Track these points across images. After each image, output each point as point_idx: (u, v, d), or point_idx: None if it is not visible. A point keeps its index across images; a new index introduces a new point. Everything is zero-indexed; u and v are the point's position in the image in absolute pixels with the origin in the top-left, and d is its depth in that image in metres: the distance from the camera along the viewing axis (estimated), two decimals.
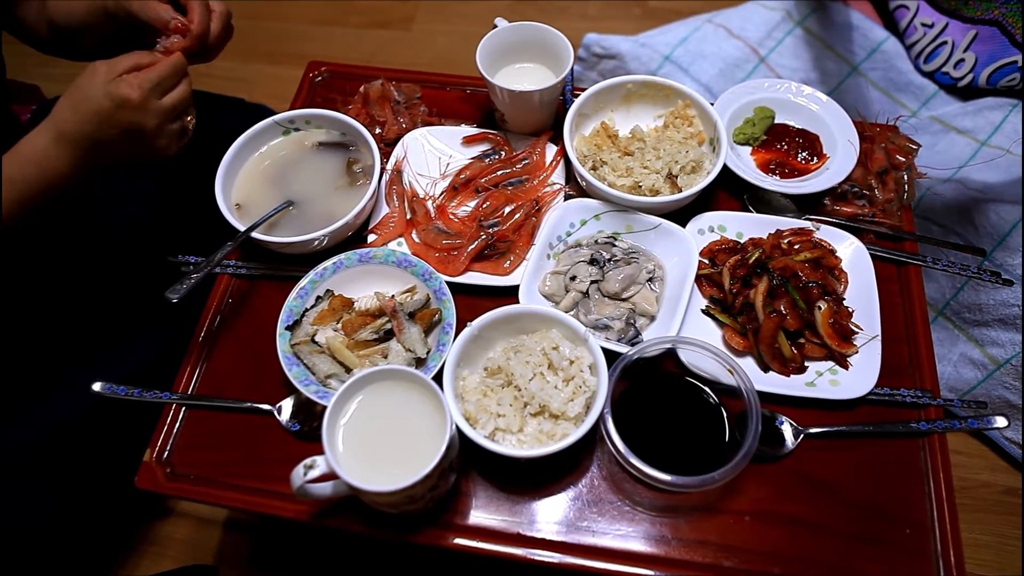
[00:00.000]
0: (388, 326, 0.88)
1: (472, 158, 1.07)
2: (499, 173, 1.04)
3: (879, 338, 0.88)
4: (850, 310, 0.90)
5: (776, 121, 1.09)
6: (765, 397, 0.84)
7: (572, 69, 1.01)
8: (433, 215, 1.01)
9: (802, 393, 0.85)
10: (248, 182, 1.01)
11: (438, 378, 0.78)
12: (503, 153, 1.07)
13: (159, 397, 0.88)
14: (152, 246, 1.06)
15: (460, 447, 0.77)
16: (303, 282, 0.91)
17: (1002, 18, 1.47)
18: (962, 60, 1.53)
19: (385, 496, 0.69)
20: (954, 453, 0.93)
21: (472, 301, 0.93)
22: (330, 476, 0.70)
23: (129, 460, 0.87)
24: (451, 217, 1.02)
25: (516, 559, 0.78)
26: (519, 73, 1.08)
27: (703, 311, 0.93)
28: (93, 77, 0.81)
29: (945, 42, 1.55)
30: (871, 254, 0.94)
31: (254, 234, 0.92)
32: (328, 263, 0.92)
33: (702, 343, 0.81)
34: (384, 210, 1.02)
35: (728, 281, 0.91)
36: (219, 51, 0.96)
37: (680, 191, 0.96)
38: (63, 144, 0.82)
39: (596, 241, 0.96)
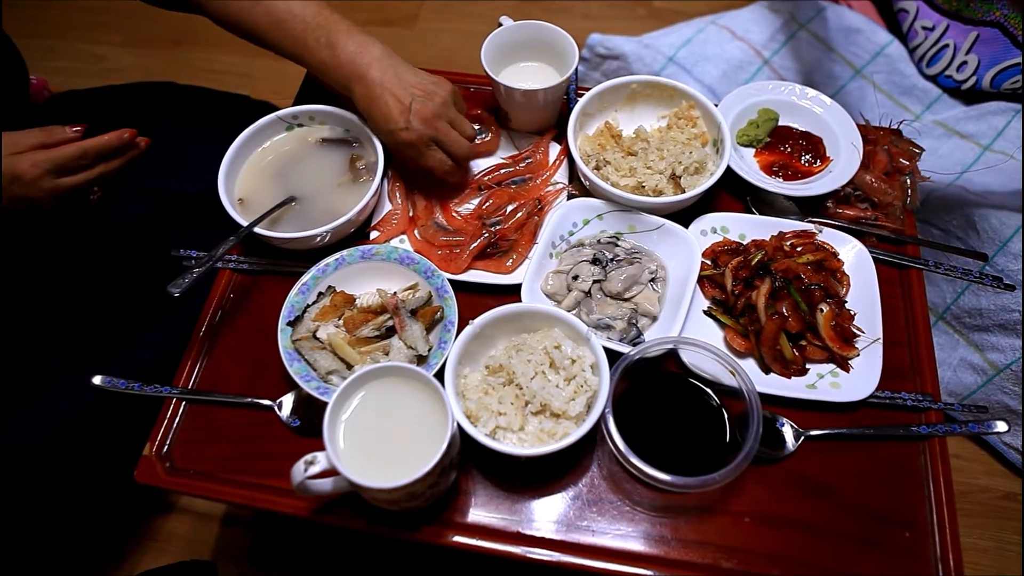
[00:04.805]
0: (390, 323, 0.88)
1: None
2: (502, 171, 1.04)
3: (880, 341, 0.88)
4: (852, 313, 0.90)
5: (780, 123, 1.09)
6: (766, 399, 0.84)
7: (577, 68, 1.01)
8: (436, 213, 1.01)
9: (803, 395, 0.85)
10: (251, 178, 1.01)
11: (439, 376, 0.78)
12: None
13: (159, 391, 0.88)
14: (155, 241, 1.06)
15: (461, 445, 0.77)
16: (305, 278, 0.91)
17: (1003, 19, 1.46)
18: (965, 63, 1.53)
19: (385, 493, 0.69)
20: (953, 457, 0.93)
21: (474, 299, 0.93)
22: (331, 472, 0.70)
23: (131, 456, 0.87)
24: (454, 215, 1.02)
25: (515, 557, 0.78)
26: (523, 72, 1.08)
27: (705, 312, 0.92)
28: None
29: (947, 45, 1.55)
30: (873, 257, 0.94)
31: (256, 229, 0.92)
32: (330, 259, 0.92)
33: (704, 344, 0.81)
34: (387, 207, 1.02)
35: (730, 282, 0.91)
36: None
37: (683, 192, 0.96)
38: None
39: (599, 241, 0.96)
